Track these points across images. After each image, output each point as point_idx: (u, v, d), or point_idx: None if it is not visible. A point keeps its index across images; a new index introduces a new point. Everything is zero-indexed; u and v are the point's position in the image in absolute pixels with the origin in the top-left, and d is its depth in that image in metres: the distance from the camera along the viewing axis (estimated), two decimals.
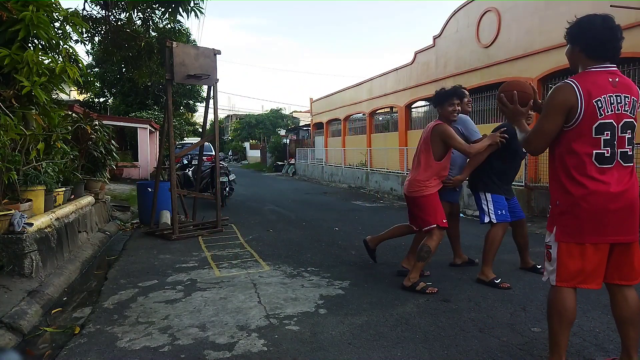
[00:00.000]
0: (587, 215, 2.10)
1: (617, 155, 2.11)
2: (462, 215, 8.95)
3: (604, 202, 2.08)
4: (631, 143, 2.14)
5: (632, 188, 2.13)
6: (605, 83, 2.11)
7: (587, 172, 2.09)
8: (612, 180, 2.09)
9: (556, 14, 10.83)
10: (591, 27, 2.16)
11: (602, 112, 2.08)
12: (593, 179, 2.09)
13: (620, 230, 2.11)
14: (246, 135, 43.27)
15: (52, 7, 4.29)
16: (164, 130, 7.27)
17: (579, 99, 2.08)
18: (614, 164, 2.10)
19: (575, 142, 2.12)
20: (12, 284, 3.65)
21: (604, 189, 2.08)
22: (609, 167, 2.09)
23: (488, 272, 4.09)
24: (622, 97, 2.10)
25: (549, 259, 2.26)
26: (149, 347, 2.82)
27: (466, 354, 2.70)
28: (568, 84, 2.14)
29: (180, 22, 8.63)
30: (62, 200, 5.39)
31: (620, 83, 2.14)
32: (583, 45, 2.20)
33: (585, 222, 2.11)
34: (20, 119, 4.12)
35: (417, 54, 16.78)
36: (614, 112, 2.09)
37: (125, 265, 4.89)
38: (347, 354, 2.71)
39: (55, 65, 4.18)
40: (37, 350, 2.91)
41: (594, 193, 2.09)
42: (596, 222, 2.09)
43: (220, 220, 6.94)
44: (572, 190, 2.13)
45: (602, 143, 2.08)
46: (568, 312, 2.22)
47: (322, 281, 4.20)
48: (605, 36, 2.15)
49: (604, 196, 2.08)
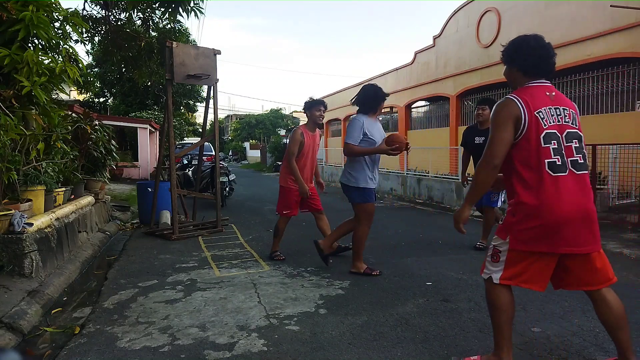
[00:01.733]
0: (543, 226, 2.13)
1: (569, 164, 2.16)
2: None
3: (559, 212, 2.11)
4: (580, 152, 2.21)
5: (588, 197, 2.19)
6: (544, 96, 2.23)
7: (543, 182, 2.14)
8: (567, 189, 2.13)
9: (556, 14, 10.83)
10: (526, 47, 2.30)
11: (545, 122, 2.17)
12: (548, 188, 2.13)
13: (575, 242, 2.15)
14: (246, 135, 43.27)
15: (52, 7, 4.29)
16: (164, 130, 7.27)
17: (522, 111, 2.17)
18: (568, 173, 2.15)
19: (527, 153, 2.18)
20: (12, 284, 3.65)
21: (559, 198, 2.12)
22: (563, 175, 2.14)
23: None
24: (561, 109, 2.22)
25: (495, 260, 2.31)
26: (149, 347, 2.82)
27: (466, 354, 2.70)
28: (509, 98, 2.24)
29: (180, 22, 8.64)
30: (62, 200, 5.39)
31: (557, 97, 2.26)
32: (520, 64, 2.33)
33: (541, 232, 2.14)
34: (20, 119, 4.12)
35: (417, 54, 16.77)
36: (556, 123, 2.18)
37: (125, 265, 4.89)
38: (347, 354, 2.71)
39: (55, 65, 4.18)
40: (37, 350, 2.91)
41: (550, 203, 2.12)
42: (552, 232, 2.13)
43: (220, 220, 6.94)
44: (528, 201, 2.16)
45: (552, 152, 2.15)
46: (507, 306, 2.32)
47: (322, 281, 4.20)
48: (540, 54, 2.27)
49: (559, 206, 2.12)
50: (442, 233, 6.66)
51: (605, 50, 9.56)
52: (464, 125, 14.56)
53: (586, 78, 10.18)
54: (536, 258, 2.20)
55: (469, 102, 14.43)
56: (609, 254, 5.28)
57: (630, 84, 9.21)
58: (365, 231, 4.45)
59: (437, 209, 9.97)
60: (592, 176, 7.56)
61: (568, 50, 10.52)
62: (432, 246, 5.77)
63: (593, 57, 9.85)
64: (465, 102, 14.62)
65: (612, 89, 9.61)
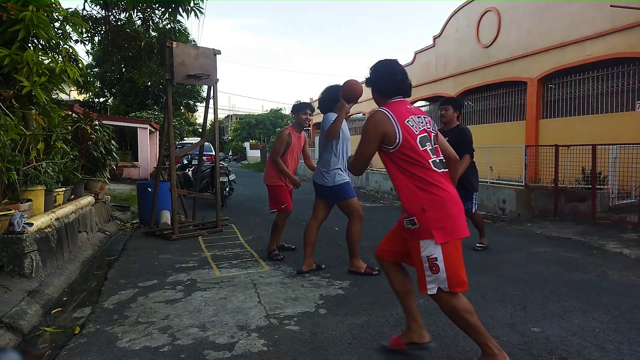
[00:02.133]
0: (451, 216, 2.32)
1: (439, 162, 2.44)
2: None
3: (452, 202, 2.34)
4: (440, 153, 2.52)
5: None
6: (406, 109, 2.51)
7: (435, 178, 2.35)
8: (448, 182, 2.42)
9: (556, 14, 10.83)
10: (378, 73, 2.61)
11: (415, 129, 2.42)
12: (438, 184, 2.34)
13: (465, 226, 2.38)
14: (246, 135, 43.28)
15: (52, 7, 4.29)
16: (164, 130, 7.27)
17: (393, 122, 2.40)
18: (441, 170, 2.42)
19: (414, 154, 2.38)
20: (12, 284, 3.65)
21: (450, 190, 2.38)
22: (444, 171, 2.43)
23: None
24: (422, 118, 2.51)
25: (436, 271, 2.32)
26: (149, 347, 2.82)
27: (466, 354, 2.70)
28: (380, 111, 2.47)
29: (180, 22, 8.64)
30: (62, 200, 5.39)
31: (415, 109, 2.57)
32: (376, 88, 2.62)
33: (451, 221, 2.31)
34: (20, 119, 4.12)
35: (417, 54, 16.78)
36: (422, 128, 2.45)
37: (125, 265, 4.89)
38: (347, 354, 2.71)
39: (55, 65, 4.18)
40: (37, 350, 2.91)
41: (443, 195, 2.33)
42: (455, 221, 2.33)
43: (220, 220, 6.94)
44: (433, 190, 2.33)
45: (430, 153, 2.41)
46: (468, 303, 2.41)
47: (322, 281, 4.20)
48: (390, 80, 2.57)
49: (450, 197, 2.34)
50: None
51: (605, 50, 9.56)
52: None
53: (586, 78, 10.18)
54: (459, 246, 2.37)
55: (469, 102, 14.43)
56: (609, 254, 5.31)
57: (630, 84, 9.21)
58: (359, 228, 4.41)
59: None
60: (592, 176, 7.57)
61: (568, 50, 10.52)
62: None
63: (593, 57, 9.86)
64: (465, 102, 14.61)
65: (612, 89, 9.61)
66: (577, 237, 6.31)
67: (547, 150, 8.52)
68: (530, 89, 11.55)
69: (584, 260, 5.02)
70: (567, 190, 8.10)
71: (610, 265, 4.81)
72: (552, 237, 6.47)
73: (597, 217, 7.43)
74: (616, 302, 3.58)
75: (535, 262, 4.96)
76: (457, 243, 2.34)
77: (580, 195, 7.91)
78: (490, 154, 9.39)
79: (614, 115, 9.65)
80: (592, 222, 7.34)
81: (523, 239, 6.31)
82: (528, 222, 7.67)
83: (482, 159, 9.69)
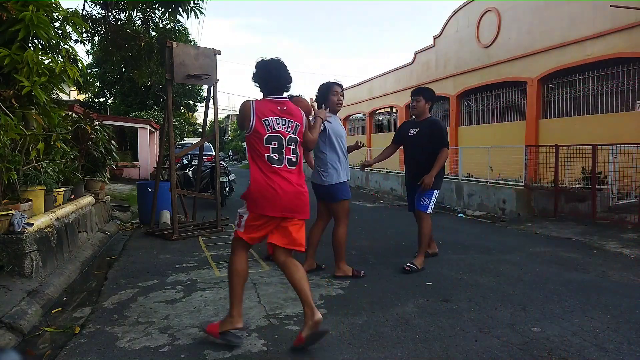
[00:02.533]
0: (260, 197, 2.84)
1: (285, 160, 2.88)
2: (461, 215, 8.98)
3: (271, 189, 2.82)
4: (295, 152, 2.94)
5: (298, 183, 2.91)
6: (274, 109, 2.91)
7: (264, 169, 2.86)
8: (280, 177, 2.85)
9: (556, 14, 10.83)
10: (256, 72, 2.98)
11: (269, 128, 2.86)
12: (266, 174, 2.85)
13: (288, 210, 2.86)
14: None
15: (52, 7, 4.29)
16: (164, 130, 7.27)
17: (252, 112, 2.87)
18: (282, 166, 2.87)
19: (257, 146, 2.87)
20: (12, 284, 3.65)
21: (273, 180, 2.84)
22: (279, 168, 2.86)
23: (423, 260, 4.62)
24: (286, 120, 2.92)
25: (239, 223, 2.94)
26: (149, 347, 2.82)
27: (466, 354, 2.70)
28: (248, 100, 2.92)
29: (180, 22, 8.64)
30: (62, 200, 5.39)
31: (287, 111, 2.94)
32: (259, 84, 3.00)
33: (259, 201, 2.84)
34: (20, 119, 4.12)
35: (417, 54, 16.78)
36: (280, 130, 2.89)
37: (125, 265, 4.89)
38: (347, 354, 2.71)
39: (55, 65, 4.18)
40: (37, 350, 2.91)
41: (266, 184, 2.83)
42: (266, 202, 2.83)
43: (220, 220, 6.94)
44: (256, 177, 2.87)
45: (271, 150, 2.86)
46: (240, 268, 2.96)
47: (322, 281, 4.20)
48: (264, 78, 2.96)
49: (272, 187, 2.83)
50: (442, 233, 6.66)
51: (605, 50, 9.56)
52: (464, 125, 14.58)
53: (586, 78, 10.18)
54: (256, 218, 2.88)
55: (469, 102, 14.43)
56: (609, 254, 5.31)
57: (630, 84, 9.21)
58: (346, 231, 4.36)
59: (437, 209, 9.96)
60: (592, 176, 7.57)
61: (568, 50, 10.52)
62: None
63: (593, 57, 9.85)
64: (465, 102, 14.62)
65: (612, 89, 9.61)
66: (577, 237, 6.32)
67: (547, 150, 8.52)
68: (530, 89, 11.56)
69: (584, 260, 5.02)
70: (567, 190, 8.10)
71: (610, 265, 4.81)
72: (552, 237, 6.47)
73: (597, 217, 7.43)
74: (616, 302, 3.58)
75: (535, 262, 4.96)
76: (255, 216, 2.89)
77: (580, 195, 7.91)
78: (490, 154, 9.39)
79: (613, 115, 9.65)
80: (592, 222, 7.34)
81: (523, 239, 6.31)
82: (528, 222, 7.68)
83: (482, 159, 9.72)
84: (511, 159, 9.15)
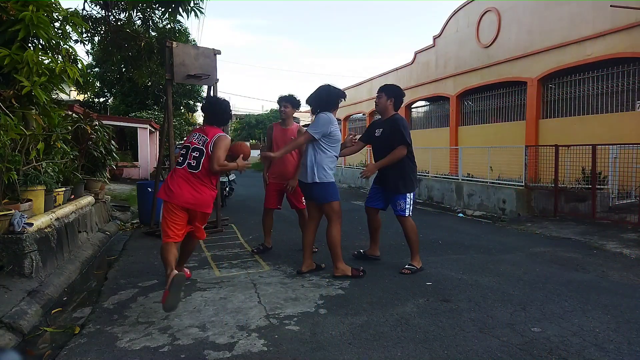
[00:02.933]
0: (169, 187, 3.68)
1: (187, 164, 3.70)
2: (461, 215, 8.98)
3: (173, 184, 3.66)
4: (196, 159, 3.70)
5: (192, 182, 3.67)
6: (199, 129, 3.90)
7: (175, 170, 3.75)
8: (179, 176, 3.69)
9: (556, 14, 10.83)
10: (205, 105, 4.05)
11: (186, 140, 3.86)
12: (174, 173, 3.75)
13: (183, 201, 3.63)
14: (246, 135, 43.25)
15: (52, 7, 4.28)
16: (164, 130, 7.26)
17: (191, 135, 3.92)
18: (183, 168, 3.70)
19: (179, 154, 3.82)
20: (12, 284, 3.65)
21: (174, 177, 3.71)
22: (179, 168, 3.72)
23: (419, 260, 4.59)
24: (199, 135, 3.80)
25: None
26: (149, 347, 2.82)
27: (466, 354, 2.70)
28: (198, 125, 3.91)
29: (180, 22, 8.64)
30: (62, 200, 5.39)
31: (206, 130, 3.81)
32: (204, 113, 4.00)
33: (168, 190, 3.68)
34: (20, 119, 4.12)
35: (417, 54, 16.78)
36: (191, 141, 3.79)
37: (125, 265, 4.89)
38: (347, 354, 2.71)
39: (55, 65, 4.18)
40: (37, 350, 2.91)
41: (169, 178, 3.77)
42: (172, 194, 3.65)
43: (220, 220, 6.94)
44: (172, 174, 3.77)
45: (181, 156, 3.76)
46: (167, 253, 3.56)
47: (322, 281, 4.20)
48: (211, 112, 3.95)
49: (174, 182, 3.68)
50: (442, 233, 6.66)
51: (605, 50, 9.56)
52: (464, 125, 14.58)
53: (586, 78, 10.19)
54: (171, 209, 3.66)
55: (469, 102, 14.43)
56: (609, 254, 5.32)
57: (630, 84, 9.22)
58: (339, 230, 4.32)
59: (437, 209, 9.98)
60: (592, 176, 7.57)
61: (568, 50, 10.52)
62: (432, 246, 5.76)
63: (593, 57, 9.85)
64: (465, 102, 14.62)
65: (612, 89, 9.61)
66: (577, 237, 6.32)
67: (547, 150, 8.52)
68: (530, 89, 11.56)
69: (584, 260, 5.02)
70: (567, 190, 8.10)
71: (610, 265, 4.81)
72: (552, 237, 6.48)
73: (597, 217, 7.43)
74: (616, 302, 3.58)
75: (535, 262, 4.96)
76: (168, 206, 3.66)
77: (580, 195, 7.91)
78: (490, 154, 9.40)
79: (613, 115, 9.65)
80: (592, 222, 7.35)
81: (523, 239, 6.31)
82: (528, 222, 7.68)
83: (482, 159, 9.72)
84: (511, 159, 9.15)
